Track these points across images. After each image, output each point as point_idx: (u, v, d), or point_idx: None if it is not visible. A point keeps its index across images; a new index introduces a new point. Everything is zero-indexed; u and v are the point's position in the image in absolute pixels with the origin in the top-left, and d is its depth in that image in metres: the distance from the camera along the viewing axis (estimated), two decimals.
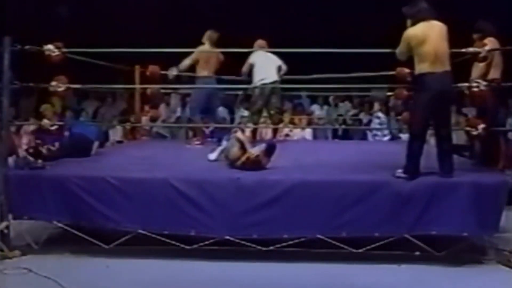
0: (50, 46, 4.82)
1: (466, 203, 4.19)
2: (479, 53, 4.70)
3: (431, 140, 4.71)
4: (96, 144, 5.62)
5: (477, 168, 4.89)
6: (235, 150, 4.79)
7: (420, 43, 4.19)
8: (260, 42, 6.89)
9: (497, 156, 5.12)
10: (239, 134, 4.89)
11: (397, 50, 4.40)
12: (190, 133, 9.68)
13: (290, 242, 4.23)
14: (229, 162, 4.83)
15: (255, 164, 4.63)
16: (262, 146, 4.81)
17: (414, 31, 4.23)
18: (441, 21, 4.30)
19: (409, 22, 4.32)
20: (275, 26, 10.49)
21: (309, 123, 9.76)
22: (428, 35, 4.20)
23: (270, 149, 4.77)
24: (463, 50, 4.83)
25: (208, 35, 6.61)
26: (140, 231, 4.31)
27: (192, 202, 4.31)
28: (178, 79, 6.92)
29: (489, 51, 4.70)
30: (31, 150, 5.00)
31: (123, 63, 6.63)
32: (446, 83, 4.26)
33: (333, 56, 5.22)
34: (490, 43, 4.80)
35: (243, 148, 4.74)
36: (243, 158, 4.67)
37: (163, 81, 6.83)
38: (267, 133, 8.20)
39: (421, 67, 4.23)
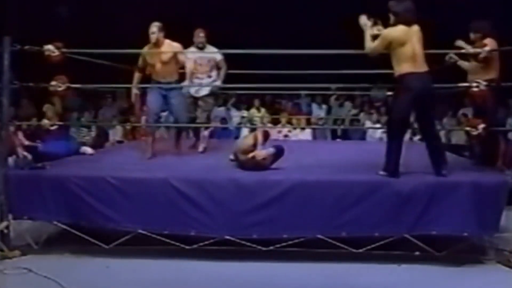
0: (50, 46, 4.81)
1: (466, 203, 4.19)
2: (479, 53, 4.70)
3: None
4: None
5: (477, 168, 4.89)
6: (247, 142, 4.84)
7: (401, 44, 4.24)
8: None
9: (497, 156, 5.12)
10: (259, 133, 4.93)
11: (371, 46, 4.37)
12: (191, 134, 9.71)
13: (290, 242, 4.24)
14: (235, 151, 4.85)
15: (258, 165, 4.64)
16: (271, 150, 4.80)
17: (396, 33, 4.26)
18: (425, 22, 4.33)
19: (391, 18, 4.33)
20: (274, 26, 10.49)
21: (308, 123, 9.76)
22: (408, 38, 4.25)
23: (278, 154, 4.78)
24: (463, 50, 4.83)
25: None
26: (140, 231, 4.31)
27: (192, 202, 4.32)
28: None
29: (490, 51, 4.70)
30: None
31: (123, 63, 6.62)
32: (427, 83, 4.32)
33: (334, 55, 5.21)
34: (490, 43, 4.79)
35: (254, 146, 4.76)
36: (250, 155, 4.68)
37: None
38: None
39: (402, 68, 4.28)
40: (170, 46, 5.52)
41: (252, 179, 4.40)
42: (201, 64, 6.14)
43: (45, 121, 5.14)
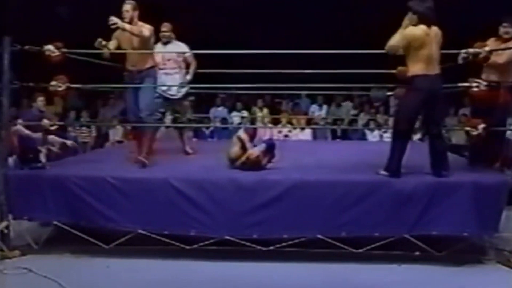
0: (50, 47, 4.80)
1: (466, 203, 4.20)
2: (480, 53, 4.69)
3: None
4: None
5: (477, 168, 4.88)
6: (235, 150, 4.80)
7: (420, 45, 4.23)
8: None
9: (496, 156, 5.10)
10: (241, 134, 4.90)
11: (391, 43, 4.33)
12: (191, 134, 9.71)
13: (290, 242, 4.24)
14: (229, 161, 4.84)
15: (255, 165, 4.64)
16: (262, 146, 4.82)
17: (417, 32, 4.24)
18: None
19: (410, 17, 4.30)
20: (275, 27, 10.49)
21: (308, 123, 9.76)
22: (427, 39, 4.25)
23: (269, 149, 4.79)
24: (463, 50, 4.81)
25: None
26: (140, 231, 4.32)
27: (192, 202, 4.32)
28: None
29: (490, 51, 4.69)
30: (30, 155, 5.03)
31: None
32: (438, 85, 4.33)
33: (333, 56, 5.21)
34: None
35: (243, 148, 4.75)
36: (243, 158, 4.68)
37: None
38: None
39: (415, 69, 4.29)
40: (148, 27, 4.99)
41: (252, 179, 4.40)
42: (169, 59, 5.77)
43: (45, 121, 5.12)
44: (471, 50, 4.76)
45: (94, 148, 8.66)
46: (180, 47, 5.85)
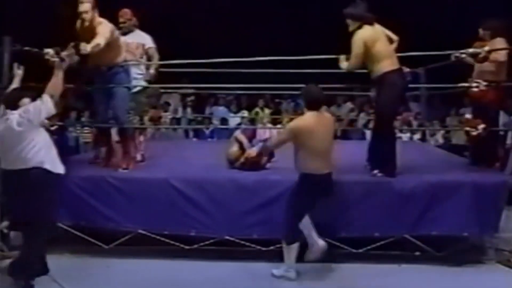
0: (50, 51, 4.74)
1: (466, 203, 4.20)
2: (479, 53, 4.69)
3: (431, 140, 4.71)
4: None
5: (477, 168, 4.88)
6: (234, 150, 4.80)
7: (374, 43, 4.26)
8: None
9: (496, 156, 5.11)
10: (238, 134, 4.90)
11: (351, 60, 4.34)
12: (191, 133, 9.71)
13: None
14: (229, 162, 4.83)
15: (254, 164, 4.64)
16: (260, 145, 4.81)
17: (367, 33, 4.28)
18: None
19: (351, 24, 4.34)
20: (275, 27, 10.50)
21: None
22: (378, 36, 4.30)
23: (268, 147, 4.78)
24: (463, 51, 4.81)
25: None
26: (140, 231, 4.32)
27: (192, 202, 4.32)
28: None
29: (488, 51, 4.68)
30: None
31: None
32: (406, 79, 4.42)
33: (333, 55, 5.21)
34: (500, 43, 4.73)
35: (242, 148, 4.75)
36: (242, 159, 4.68)
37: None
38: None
39: (381, 66, 4.28)
40: (107, 27, 4.46)
41: (252, 179, 4.41)
42: (127, 50, 5.00)
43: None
44: (470, 50, 4.76)
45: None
46: (142, 37, 5.19)
